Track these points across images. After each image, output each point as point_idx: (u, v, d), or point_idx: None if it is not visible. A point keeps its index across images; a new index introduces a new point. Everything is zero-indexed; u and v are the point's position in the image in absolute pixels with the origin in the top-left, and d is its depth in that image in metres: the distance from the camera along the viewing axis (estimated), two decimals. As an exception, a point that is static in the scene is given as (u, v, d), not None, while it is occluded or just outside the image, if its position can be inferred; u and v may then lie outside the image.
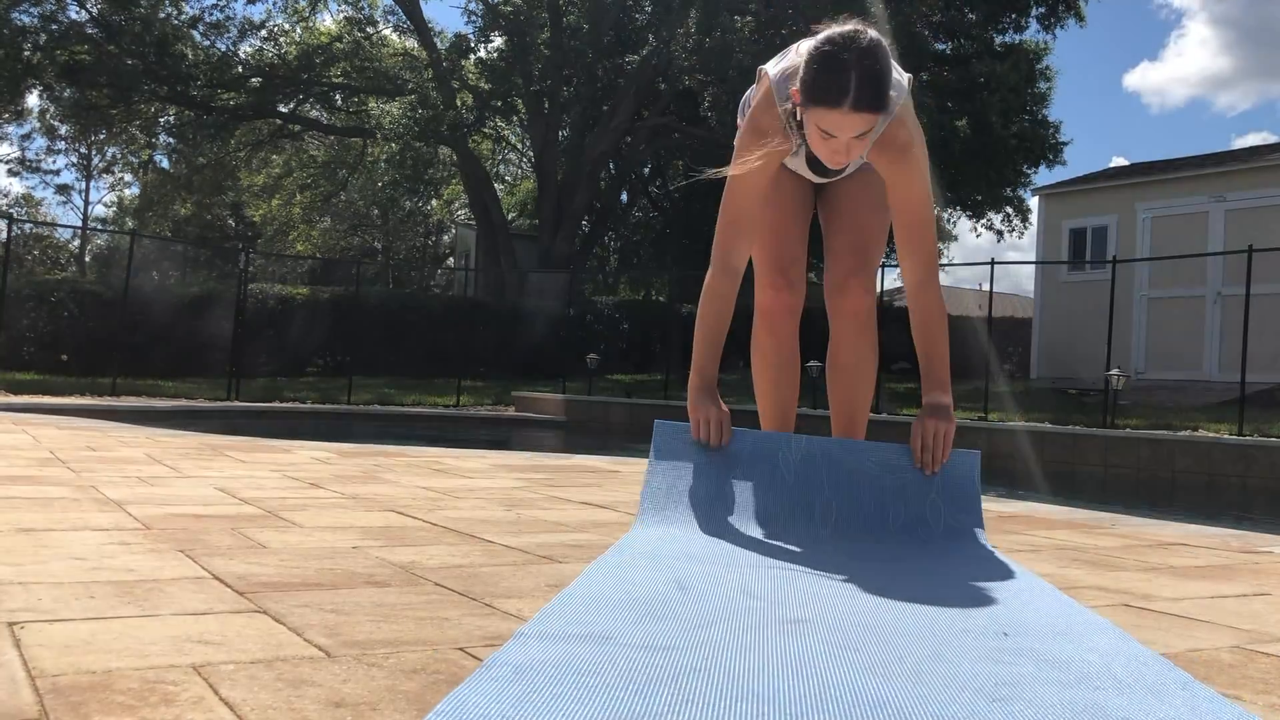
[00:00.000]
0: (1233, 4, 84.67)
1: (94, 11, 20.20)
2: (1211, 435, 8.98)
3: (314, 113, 24.72)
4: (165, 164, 27.70)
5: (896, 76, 2.10)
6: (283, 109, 23.42)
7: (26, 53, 19.53)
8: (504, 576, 1.69)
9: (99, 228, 39.89)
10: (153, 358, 14.75)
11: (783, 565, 1.77)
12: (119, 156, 32.97)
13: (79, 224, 40.11)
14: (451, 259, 36.98)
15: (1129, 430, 9.35)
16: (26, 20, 19.64)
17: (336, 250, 34.45)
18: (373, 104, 23.17)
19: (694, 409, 2.25)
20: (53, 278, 21.17)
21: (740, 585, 1.58)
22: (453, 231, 36.66)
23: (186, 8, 21.57)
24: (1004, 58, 19.67)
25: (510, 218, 28.51)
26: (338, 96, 23.60)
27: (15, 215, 33.84)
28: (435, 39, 22.33)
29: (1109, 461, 9.10)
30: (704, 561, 1.77)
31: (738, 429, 2.25)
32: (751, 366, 2.62)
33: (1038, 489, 7.74)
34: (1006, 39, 21.30)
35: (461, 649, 1.22)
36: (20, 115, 27.84)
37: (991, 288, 12.54)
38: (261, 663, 1.12)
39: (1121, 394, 10.67)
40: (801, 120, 2.07)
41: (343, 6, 23.60)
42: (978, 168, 19.54)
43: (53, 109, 24.94)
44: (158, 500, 2.47)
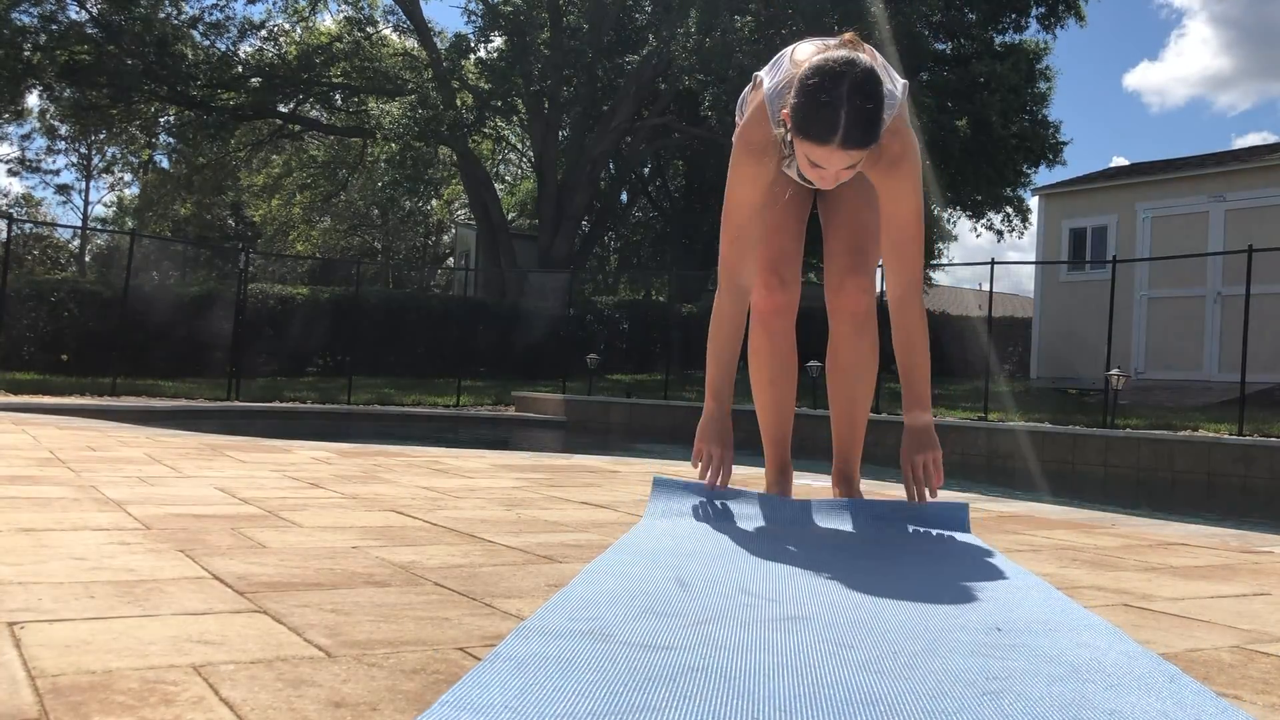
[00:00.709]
0: (1233, 4, 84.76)
1: (94, 11, 20.21)
2: (1212, 435, 8.98)
3: (314, 113, 24.73)
4: (165, 164, 27.76)
5: (890, 86, 2.08)
6: (283, 109, 23.43)
7: (26, 53, 19.54)
8: (504, 576, 1.69)
9: (99, 228, 39.96)
10: (153, 358, 14.76)
11: (781, 564, 1.80)
12: (119, 156, 32.98)
13: (79, 224, 40.19)
14: (451, 259, 37.00)
15: (1129, 430, 9.35)
16: (26, 20, 19.66)
17: (336, 250, 34.46)
18: (373, 104, 23.17)
19: (701, 438, 2.34)
20: (53, 278, 21.18)
21: (739, 583, 1.61)
22: (453, 231, 36.67)
23: (186, 8, 21.61)
24: (1004, 58, 19.68)
25: (510, 218, 28.54)
26: (338, 96, 23.60)
27: (15, 215, 33.82)
28: (435, 39, 22.34)
29: (1109, 461, 9.10)
30: (703, 560, 1.80)
31: (735, 488, 2.34)
32: (748, 365, 2.63)
33: (1037, 489, 7.75)
34: (1006, 39, 21.33)
35: (461, 649, 1.22)
36: (20, 115, 27.81)
37: (991, 288, 12.54)
38: (261, 663, 1.12)
39: (1121, 394, 10.67)
40: (792, 140, 2.08)
41: (343, 6, 23.63)
42: (978, 168, 19.54)
43: (53, 109, 24.93)
44: (158, 500, 2.47)
